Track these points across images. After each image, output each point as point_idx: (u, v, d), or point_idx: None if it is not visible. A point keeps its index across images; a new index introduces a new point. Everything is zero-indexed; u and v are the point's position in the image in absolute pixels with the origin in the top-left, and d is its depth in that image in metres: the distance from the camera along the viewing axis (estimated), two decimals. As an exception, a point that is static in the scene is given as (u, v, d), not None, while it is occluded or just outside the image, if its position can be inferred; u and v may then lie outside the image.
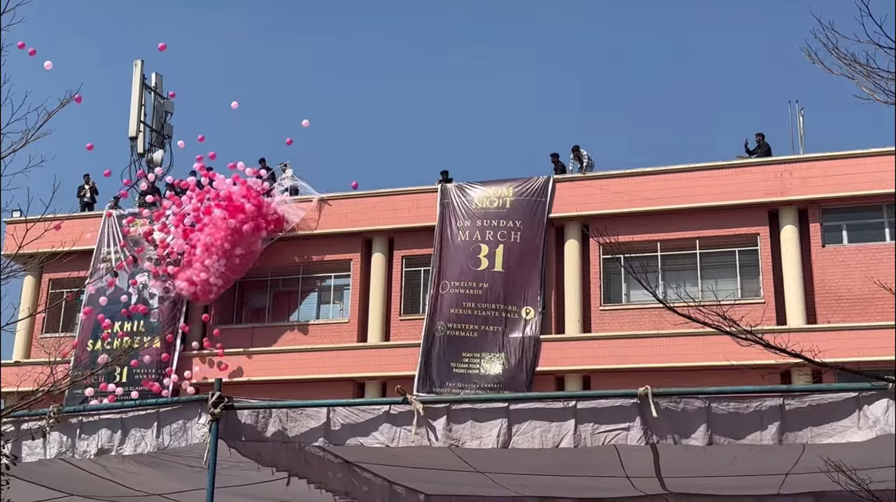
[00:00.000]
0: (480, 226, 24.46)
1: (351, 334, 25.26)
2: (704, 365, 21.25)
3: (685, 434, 7.21)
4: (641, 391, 7.28)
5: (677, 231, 23.79)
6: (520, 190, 24.64)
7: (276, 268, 25.68)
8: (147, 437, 8.24)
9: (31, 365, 23.71)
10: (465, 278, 24.05)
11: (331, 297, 26.16)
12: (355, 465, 9.74)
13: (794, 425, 7.17)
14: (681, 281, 23.05)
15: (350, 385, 24.48)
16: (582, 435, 7.42)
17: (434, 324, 23.80)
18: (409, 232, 25.39)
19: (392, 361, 24.22)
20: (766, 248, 23.26)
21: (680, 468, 8.72)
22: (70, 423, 8.41)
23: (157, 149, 29.27)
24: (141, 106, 29.21)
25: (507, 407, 7.57)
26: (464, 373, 23.20)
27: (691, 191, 23.64)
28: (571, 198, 24.41)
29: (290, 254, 25.66)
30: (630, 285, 23.70)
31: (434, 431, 7.61)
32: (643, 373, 21.43)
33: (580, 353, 23.16)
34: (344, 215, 25.81)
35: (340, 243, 25.85)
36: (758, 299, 22.66)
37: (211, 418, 7.87)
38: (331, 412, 7.93)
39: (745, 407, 7.17)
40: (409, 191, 25.70)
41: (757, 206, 23.36)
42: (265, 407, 8.08)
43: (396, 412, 7.78)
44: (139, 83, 29.31)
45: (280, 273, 25.69)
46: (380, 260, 25.58)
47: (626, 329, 23.24)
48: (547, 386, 22.91)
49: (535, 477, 9.35)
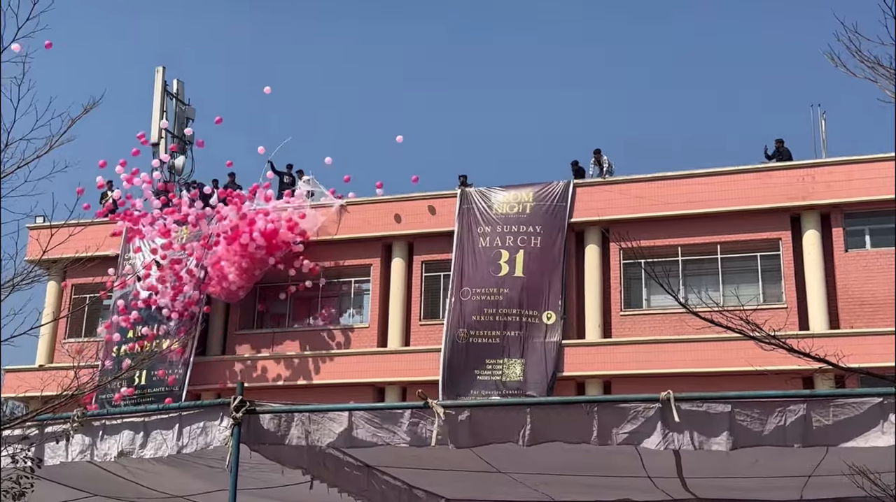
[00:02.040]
0: (500, 232, 24.44)
1: (371, 339, 25.32)
2: (726, 370, 21.17)
3: (708, 439, 7.17)
4: (663, 396, 7.24)
5: (699, 236, 23.69)
6: (540, 195, 24.61)
7: (296, 273, 25.73)
8: (168, 440, 8.29)
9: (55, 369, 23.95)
10: (485, 284, 24.04)
11: (351, 302, 26.22)
12: (375, 469, 9.75)
13: (817, 430, 7.11)
14: (702, 286, 22.93)
15: (370, 389, 24.53)
16: (603, 439, 7.40)
17: (455, 331, 23.80)
18: (429, 237, 25.42)
19: (412, 366, 24.25)
20: (789, 253, 23.12)
21: (702, 469, 8.68)
22: (92, 426, 8.48)
23: (179, 155, 29.48)
24: (162, 112, 29.43)
25: (528, 412, 7.55)
26: (487, 379, 23.17)
27: (713, 195, 23.54)
28: (592, 202, 24.36)
29: (311, 260, 25.73)
30: (651, 290, 23.61)
31: (456, 435, 7.61)
32: (665, 379, 21.36)
33: (601, 359, 23.10)
34: (364, 220, 25.88)
35: (360, 248, 25.92)
36: (780, 304, 22.54)
37: (233, 422, 7.90)
38: (352, 416, 7.93)
39: (769, 412, 7.11)
40: (429, 196, 25.73)
41: (779, 211, 23.24)
42: (287, 412, 8.09)
43: (417, 416, 7.78)
44: (161, 89, 29.55)
45: (300, 278, 25.76)
46: (399, 265, 25.63)
47: (646, 334, 23.15)
48: (568, 392, 22.87)
49: (557, 476, 9.31)
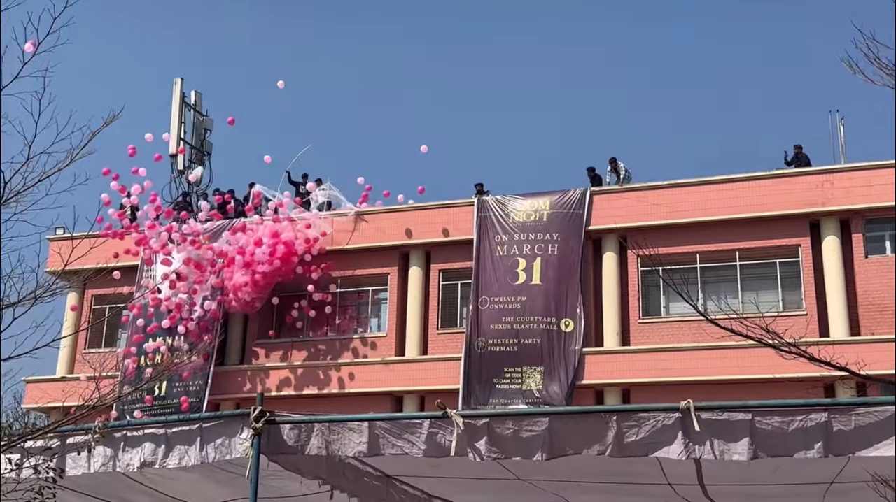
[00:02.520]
0: (518, 240, 24.42)
1: (389, 348, 25.32)
2: (746, 378, 21.06)
3: (728, 448, 7.14)
4: (683, 404, 7.22)
5: (717, 242, 23.59)
6: (557, 202, 24.57)
7: (313, 283, 25.78)
8: (190, 451, 8.35)
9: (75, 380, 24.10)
10: (503, 293, 24.01)
11: (368, 311, 26.24)
12: (394, 478, 9.76)
13: (839, 439, 7.07)
14: (721, 293, 22.84)
15: (388, 399, 24.53)
16: (623, 450, 7.39)
17: (474, 341, 23.77)
18: (446, 245, 25.42)
19: (430, 375, 24.24)
20: (808, 259, 22.97)
21: (722, 476, 8.63)
22: (114, 437, 8.54)
23: (197, 165, 29.65)
24: (181, 123, 29.61)
25: (548, 422, 7.54)
26: (506, 388, 23.12)
27: (731, 202, 23.43)
28: (609, 210, 24.30)
29: (328, 269, 25.78)
30: (669, 297, 23.52)
31: (475, 445, 7.61)
32: (684, 387, 21.22)
33: (619, 367, 23.03)
34: (380, 229, 25.92)
35: (377, 257, 25.95)
36: (800, 311, 22.40)
37: (253, 432, 7.94)
38: (372, 426, 7.95)
39: (790, 421, 7.07)
40: (446, 205, 25.74)
41: (798, 217, 23.10)
42: (307, 422, 8.12)
43: (437, 426, 7.79)
44: (179, 101, 29.73)
45: (317, 287, 25.80)
46: (417, 274, 25.63)
47: (665, 342, 23.06)
48: (586, 399, 22.80)
49: (577, 483, 9.28)
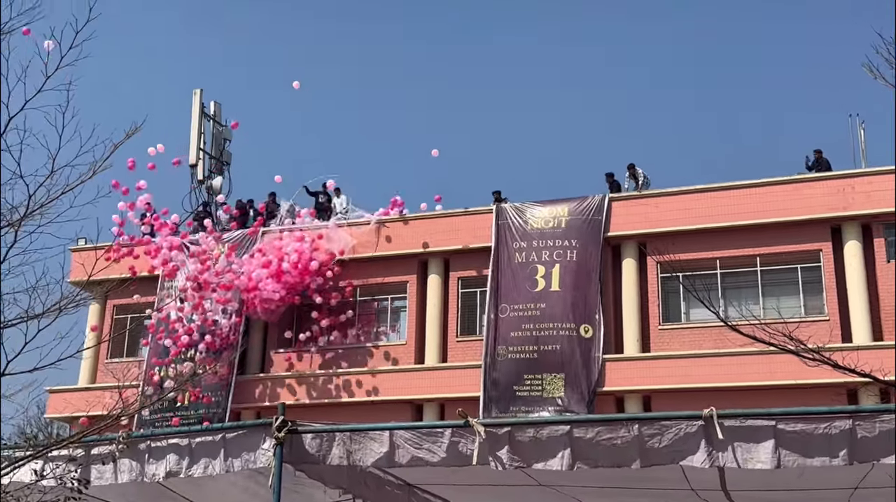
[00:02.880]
0: (536, 247, 24.37)
1: (408, 356, 25.32)
2: (768, 384, 20.93)
3: (752, 456, 7.09)
4: (706, 412, 7.17)
5: (737, 248, 23.44)
6: (575, 209, 24.51)
7: (333, 291, 25.86)
8: (214, 461, 8.38)
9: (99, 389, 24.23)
10: (522, 300, 23.95)
11: (388, 319, 26.26)
12: (415, 487, 9.75)
13: (864, 446, 7.01)
14: (742, 299, 22.71)
15: (408, 407, 24.52)
16: (647, 459, 7.35)
17: (494, 348, 23.73)
18: (465, 253, 25.41)
19: (450, 383, 24.21)
20: (830, 265, 22.80)
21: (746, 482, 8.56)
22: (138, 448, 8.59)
23: (216, 175, 29.80)
24: (200, 134, 29.76)
25: (569, 430, 7.52)
26: (526, 395, 23.05)
27: (751, 207, 23.30)
28: (628, 216, 24.23)
29: (347, 277, 25.85)
30: (690, 304, 23.39)
31: (497, 454, 7.59)
32: (706, 394, 21.10)
33: (640, 374, 22.91)
34: (400, 238, 25.94)
35: (396, 265, 25.97)
36: (822, 316, 22.23)
37: (275, 442, 7.95)
38: (393, 435, 7.95)
39: (814, 429, 7.02)
40: (464, 213, 25.75)
41: (819, 222, 22.94)
42: (328, 431, 8.14)
43: (458, 435, 7.78)
44: (198, 111, 29.88)
45: (337, 295, 25.87)
46: (436, 281, 25.63)
47: (686, 348, 22.92)
48: (607, 406, 22.71)
49: (599, 488, 9.22)
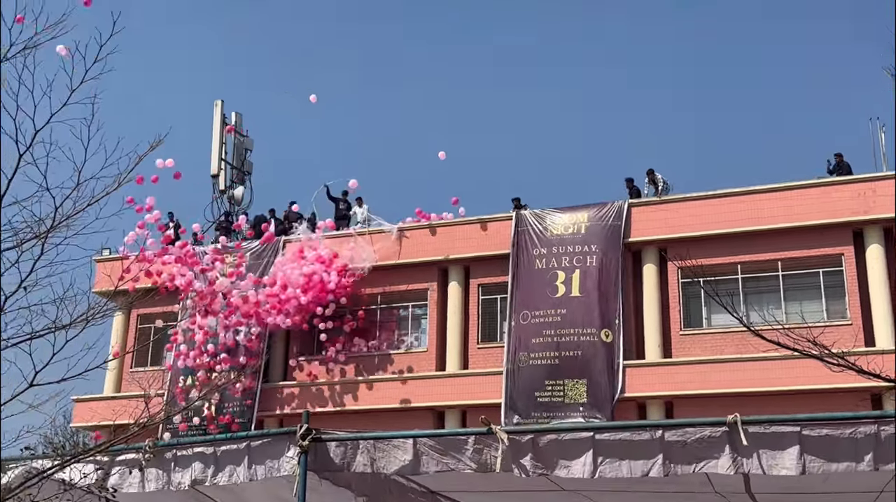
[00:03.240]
0: (556, 254, 24.33)
1: (429, 363, 25.33)
2: (792, 389, 20.79)
3: (776, 463, 7.05)
4: (731, 418, 7.15)
5: (758, 253, 23.32)
6: (595, 215, 24.45)
7: (354, 299, 25.94)
8: (239, 469, 8.42)
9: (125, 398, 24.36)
10: (543, 306, 23.92)
11: (409, 327, 26.29)
12: (438, 494, 9.75)
13: (889, 451, 6.96)
14: (763, 303, 22.56)
15: (430, 413, 24.52)
16: (670, 466, 7.32)
17: (515, 355, 23.71)
18: (485, 260, 25.41)
19: (471, 389, 24.19)
20: (852, 268, 22.63)
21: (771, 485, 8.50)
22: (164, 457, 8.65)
23: (238, 185, 30.00)
24: (222, 144, 29.96)
25: (592, 437, 7.50)
26: (548, 401, 23.00)
27: (771, 212, 23.18)
28: (648, 222, 24.15)
29: (369, 285, 25.91)
30: (711, 309, 23.27)
31: (520, 461, 7.59)
32: (728, 399, 21.04)
33: (661, 379, 22.80)
34: (420, 245, 25.98)
35: (417, 273, 25.99)
36: (845, 321, 22.07)
37: (300, 450, 7.98)
38: (417, 443, 7.96)
39: (839, 434, 6.98)
40: (484, 220, 25.75)
41: (840, 226, 22.78)
42: (352, 439, 8.16)
43: (481, 442, 7.78)
44: (219, 122, 30.09)
45: (359, 303, 25.95)
46: (456, 289, 25.65)
47: (707, 353, 22.81)
48: (629, 412, 22.63)
49: (622, 492, 9.18)
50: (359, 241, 26.06)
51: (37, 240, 7.54)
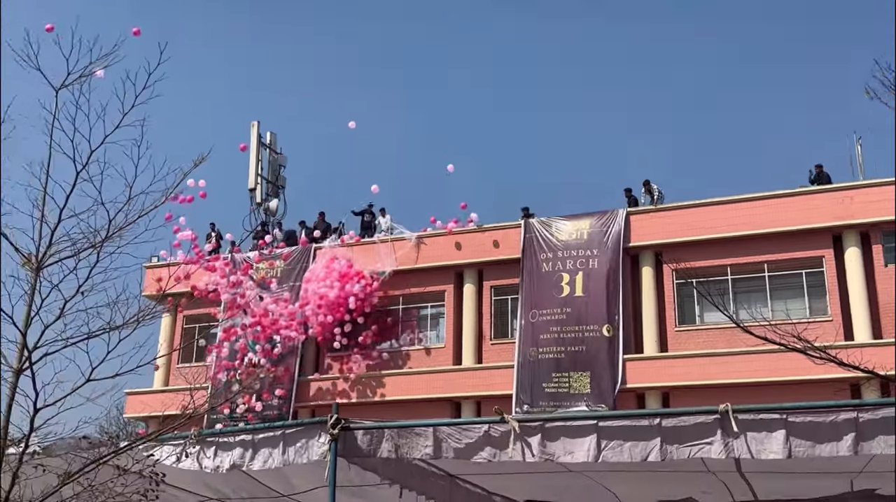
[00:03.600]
0: (562, 257, 24.35)
1: (447, 358, 25.33)
2: (778, 380, 20.64)
3: (765, 447, 7.02)
4: (722, 408, 7.13)
5: (746, 256, 23.21)
6: (596, 222, 24.45)
7: (379, 300, 26.02)
8: (274, 454, 8.44)
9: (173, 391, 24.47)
10: (549, 305, 23.92)
11: (428, 325, 26.31)
12: (457, 478, 9.75)
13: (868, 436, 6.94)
14: (751, 302, 22.46)
15: (448, 404, 24.50)
16: (667, 451, 7.30)
17: (525, 350, 23.70)
18: (497, 264, 25.40)
19: (485, 382, 24.18)
20: (832, 269, 22.51)
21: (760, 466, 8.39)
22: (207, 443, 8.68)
23: (273, 198, 30.13)
24: (258, 161, 30.09)
25: (596, 424, 7.49)
26: (554, 391, 23.00)
27: (759, 218, 23.09)
28: (645, 228, 24.10)
29: (391, 288, 25.97)
30: (703, 307, 23.19)
31: (530, 447, 7.59)
32: (720, 389, 20.92)
33: (659, 372, 22.72)
34: (437, 251, 26.00)
35: (435, 276, 26.01)
36: (826, 317, 21.93)
37: (330, 438, 8.00)
38: (436, 431, 7.97)
39: (822, 421, 6.95)
40: (496, 228, 25.75)
41: (821, 231, 22.66)
42: (378, 428, 8.17)
43: (495, 430, 7.78)
44: (256, 141, 30.22)
45: (383, 304, 26.01)
46: (471, 290, 25.65)
47: (700, 348, 22.72)
48: (629, 402, 22.55)
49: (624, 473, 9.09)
50: (381, 249, 26.12)
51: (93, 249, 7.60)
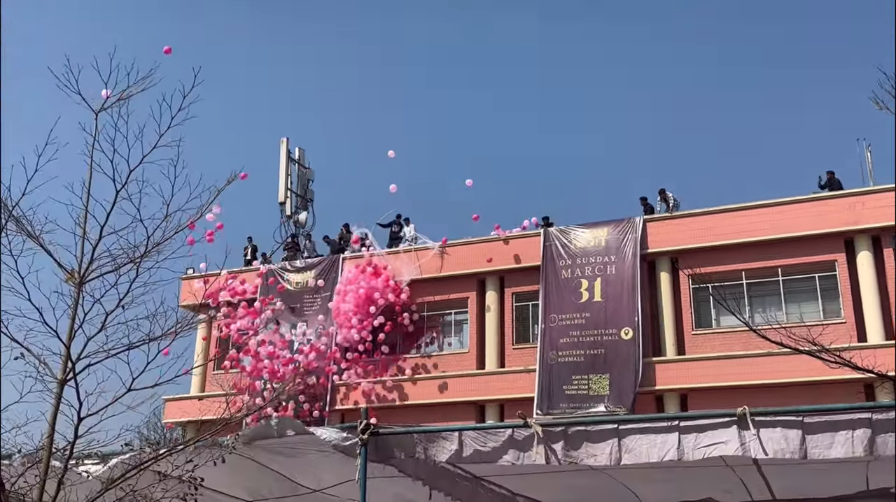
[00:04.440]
0: (580, 264, 24.26)
1: (470, 362, 25.30)
2: (793, 381, 20.42)
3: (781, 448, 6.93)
4: (740, 411, 7.05)
5: (760, 261, 23.02)
6: (614, 230, 24.37)
7: (404, 307, 26.04)
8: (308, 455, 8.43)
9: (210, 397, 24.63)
10: (569, 311, 23.85)
11: (452, 330, 26.30)
12: (482, 480, 9.71)
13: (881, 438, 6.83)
14: (766, 306, 22.25)
15: (472, 407, 24.46)
16: (685, 450, 7.22)
17: (546, 354, 23.63)
18: (517, 271, 25.35)
19: (508, 385, 24.12)
20: (844, 273, 22.26)
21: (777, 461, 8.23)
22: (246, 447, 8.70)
23: (302, 211, 30.30)
24: (287, 175, 30.28)
25: (616, 428, 7.44)
26: (574, 393, 22.89)
27: (772, 224, 22.90)
28: (661, 235, 23.97)
29: (416, 295, 25.99)
30: (720, 311, 23.01)
31: (553, 450, 7.54)
32: (737, 391, 20.74)
33: (677, 374, 22.56)
34: (460, 259, 26.00)
35: (458, 284, 26.01)
36: (839, 320, 21.68)
37: (360, 443, 8.00)
38: (462, 435, 7.95)
39: (837, 423, 6.85)
40: (516, 236, 25.72)
41: (834, 235, 22.43)
42: (405, 432, 8.16)
43: (518, 434, 7.75)
44: (285, 156, 30.43)
45: (408, 311, 26.03)
46: (493, 297, 25.61)
47: (717, 351, 22.52)
48: (648, 404, 22.38)
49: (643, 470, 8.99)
50: (404, 259, 26.18)
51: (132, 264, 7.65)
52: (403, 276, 25.85)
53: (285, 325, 26.48)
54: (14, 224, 7.40)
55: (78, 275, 7.45)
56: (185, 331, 7.90)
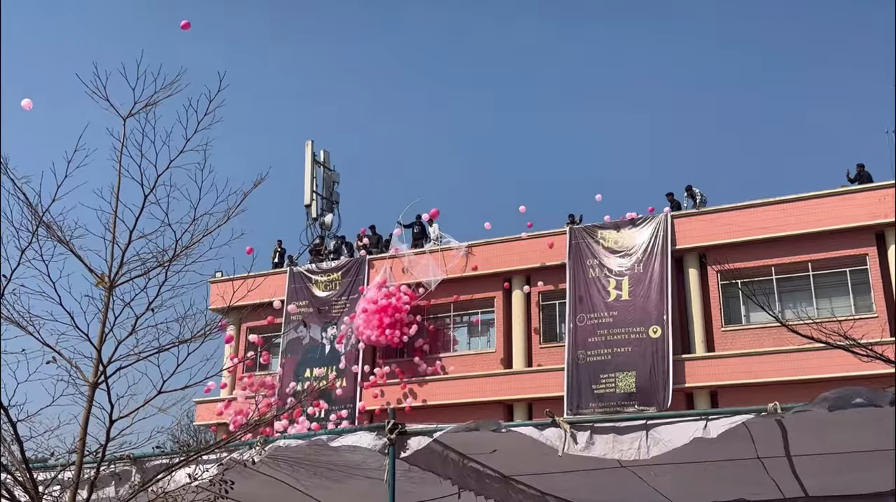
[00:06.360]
0: (607, 262, 24.12)
1: (497, 362, 25.26)
2: (825, 377, 20.13)
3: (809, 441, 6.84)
4: (770, 407, 6.98)
5: (790, 255, 22.76)
6: (640, 226, 24.21)
7: (432, 308, 26.08)
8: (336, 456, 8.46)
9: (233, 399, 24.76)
10: (597, 309, 23.72)
11: (479, 330, 26.27)
12: (511, 479, 9.69)
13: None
14: (796, 301, 22.00)
15: (500, 407, 24.41)
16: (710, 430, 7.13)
17: (574, 353, 23.53)
18: (544, 270, 25.26)
19: (536, 384, 24.05)
20: (875, 267, 21.94)
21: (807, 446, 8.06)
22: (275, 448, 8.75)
23: (328, 213, 30.43)
24: (313, 178, 30.44)
25: (645, 424, 7.39)
26: (602, 392, 22.78)
27: (801, 218, 22.62)
28: (689, 231, 23.78)
29: (443, 296, 26.00)
30: (749, 307, 22.78)
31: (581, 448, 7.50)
32: (767, 387, 20.54)
33: (707, 371, 22.36)
34: (486, 259, 25.97)
35: (485, 283, 25.98)
36: (871, 314, 21.37)
37: (388, 443, 8.00)
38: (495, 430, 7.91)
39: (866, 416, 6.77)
40: (542, 235, 25.63)
41: (864, 229, 22.12)
42: (432, 432, 8.15)
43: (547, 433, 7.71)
44: (310, 159, 30.58)
45: (435, 312, 26.06)
46: (519, 296, 25.54)
47: (747, 347, 22.30)
48: (678, 401, 22.21)
49: (676, 465, 8.88)
50: (430, 259, 26.17)
51: (161, 267, 7.71)
52: (430, 278, 25.84)
53: (314, 328, 26.62)
54: (45, 229, 7.49)
55: (108, 279, 7.52)
56: (214, 332, 7.95)
